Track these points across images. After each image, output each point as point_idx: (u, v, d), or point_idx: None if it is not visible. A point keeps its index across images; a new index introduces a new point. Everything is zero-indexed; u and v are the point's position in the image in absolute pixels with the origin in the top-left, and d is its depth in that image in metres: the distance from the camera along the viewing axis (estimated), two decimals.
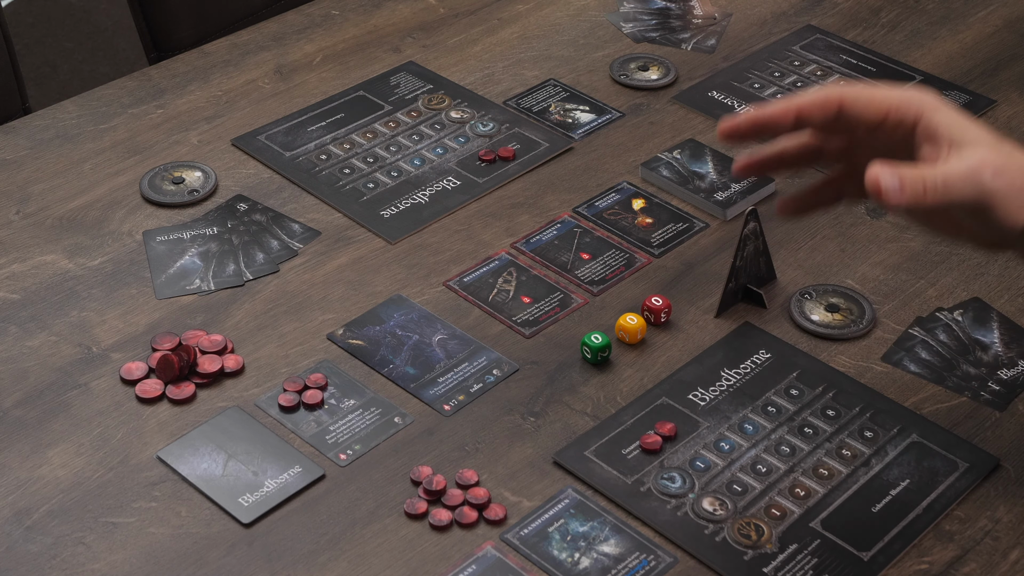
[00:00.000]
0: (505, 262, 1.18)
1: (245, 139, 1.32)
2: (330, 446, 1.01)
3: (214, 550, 0.94)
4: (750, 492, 0.97)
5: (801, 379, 1.07)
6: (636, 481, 0.98)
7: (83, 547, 0.94)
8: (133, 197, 1.25)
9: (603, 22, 1.51)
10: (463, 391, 1.06)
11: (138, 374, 1.06)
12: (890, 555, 0.93)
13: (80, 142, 1.32)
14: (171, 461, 0.99)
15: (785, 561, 0.93)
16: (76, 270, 1.17)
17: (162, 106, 1.37)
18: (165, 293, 1.14)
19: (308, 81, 1.41)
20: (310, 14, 1.52)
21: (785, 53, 1.45)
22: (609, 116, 1.36)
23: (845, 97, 0.90)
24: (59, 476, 0.99)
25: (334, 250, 1.19)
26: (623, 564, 0.93)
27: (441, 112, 1.36)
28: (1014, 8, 1.54)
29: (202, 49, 1.46)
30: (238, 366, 1.07)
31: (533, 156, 1.30)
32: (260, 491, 0.97)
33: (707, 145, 1.32)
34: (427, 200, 1.25)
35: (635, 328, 1.09)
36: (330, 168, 1.28)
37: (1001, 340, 1.10)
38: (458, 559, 0.93)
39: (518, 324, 1.12)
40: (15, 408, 1.04)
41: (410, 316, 1.12)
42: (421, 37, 1.48)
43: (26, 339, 1.10)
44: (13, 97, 1.52)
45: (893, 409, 1.04)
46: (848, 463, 1.00)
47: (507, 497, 0.97)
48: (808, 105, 0.91)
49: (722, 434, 1.02)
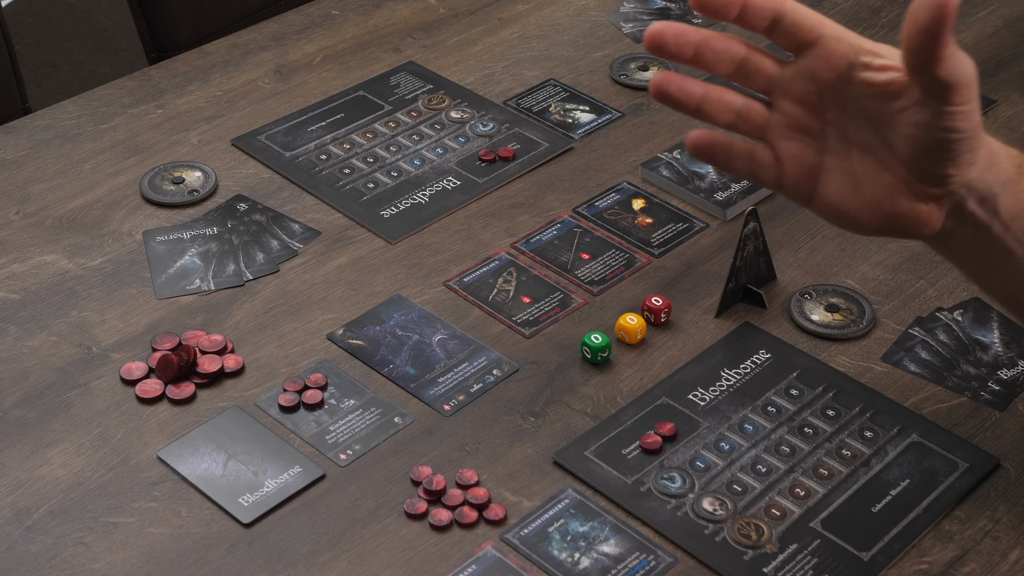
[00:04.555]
0: (505, 262, 1.18)
1: (245, 139, 1.32)
2: (330, 446, 1.01)
3: (214, 550, 0.94)
4: (750, 492, 0.97)
5: (801, 379, 1.07)
6: (636, 481, 0.98)
7: (83, 547, 0.94)
8: (133, 197, 1.25)
9: (603, 22, 1.51)
10: (463, 391, 1.06)
11: (138, 374, 1.06)
12: (890, 555, 0.93)
13: (80, 142, 1.32)
14: (171, 461, 0.99)
15: (785, 561, 0.93)
16: (76, 270, 1.17)
17: (162, 106, 1.37)
18: (165, 293, 1.14)
19: (308, 81, 1.41)
20: (310, 14, 1.52)
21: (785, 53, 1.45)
22: (609, 116, 1.36)
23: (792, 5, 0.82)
24: (59, 476, 0.99)
25: (334, 250, 1.19)
26: (623, 564, 0.93)
27: (441, 112, 1.36)
28: (1014, 8, 1.54)
29: (202, 49, 1.46)
30: (238, 366, 1.07)
31: (533, 156, 1.30)
32: (260, 491, 0.97)
33: None
34: (427, 200, 1.25)
35: (635, 328, 1.09)
36: (330, 168, 1.28)
37: (1001, 340, 1.10)
38: (458, 559, 0.93)
39: (518, 324, 1.12)
40: (15, 408, 1.04)
41: (410, 316, 1.12)
42: (421, 37, 1.48)
43: (26, 339, 1.10)
44: (13, 97, 1.52)
45: (893, 409, 1.04)
46: (848, 463, 1.00)
47: (507, 497, 0.97)
48: None
49: (722, 434, 1.02)
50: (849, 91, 0.81)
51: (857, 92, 0.81)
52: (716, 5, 0.80)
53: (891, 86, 0.80)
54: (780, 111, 0.83)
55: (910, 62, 0.78)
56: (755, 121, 0.84)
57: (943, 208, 0.83)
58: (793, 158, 0.83)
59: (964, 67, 0.77)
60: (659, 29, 0.80)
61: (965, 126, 0.79)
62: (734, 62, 0.83)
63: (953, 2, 0.74)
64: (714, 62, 0.82)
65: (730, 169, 0.85)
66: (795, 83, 0.82)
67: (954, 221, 0.84)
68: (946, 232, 0.85)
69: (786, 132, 0.83)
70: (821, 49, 0.81)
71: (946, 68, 0.76)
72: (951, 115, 0.78)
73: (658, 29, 0.80)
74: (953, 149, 0.80)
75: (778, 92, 0.83)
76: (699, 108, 0.83)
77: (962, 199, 0.83)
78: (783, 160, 0.83)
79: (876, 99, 0.80)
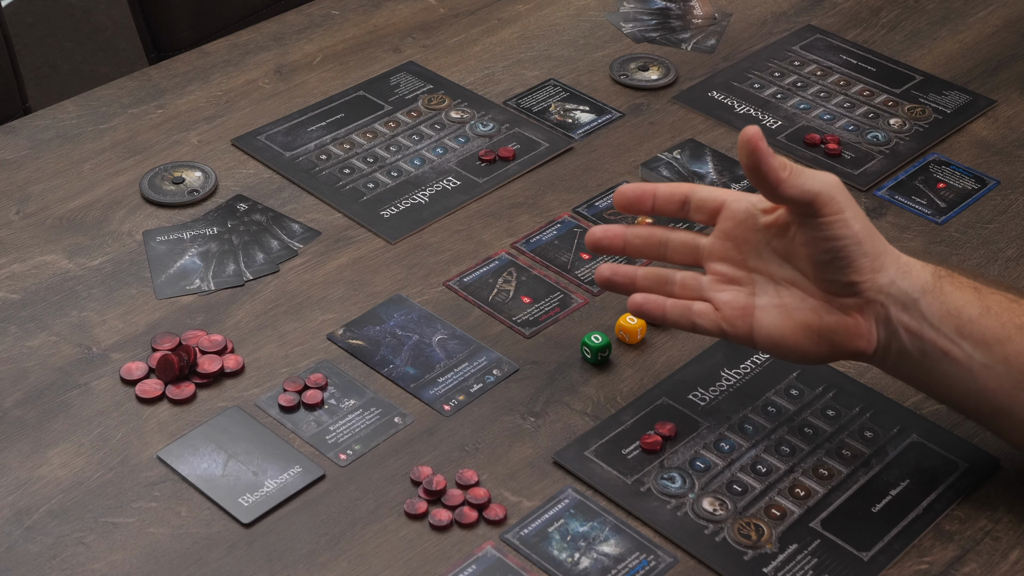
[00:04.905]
0: (505, 262, 1.18)
1: (245, 139, 1.32)
2: (330, 446, 1.01)
3: (214, 550, 0.94)
4: (750, 492, 0.97)
5: (801, 379, 1.07)
6: (636, 481, 0.98)
7: (83, 547, 0.94)
8: (133, 197, 1.25)
9: (603, 22, 1.51)
10: (463, 391, 1.06)
11: (138, 374, 1.06)
12: (890, 555, 0.93)
13: (80, 142, 1.32)
14: (171, 461, 0.99)
15: (785, 561, 0.93)
16: (76, 270, 1.17)
17: (162, 106, 1.37)
18: (165, 293, 1.14)
19: (308, 81, 1.41)
20: (310, 14, 1.52)
21: (785, 53, 1.45)
22: (609, 116, 1.36)
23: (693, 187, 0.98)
24: (59, 476, 0.99)
25: (334, 250, 1.19)
26: (623, 564, 0.93)
27: (441, 112, 1.36)
28: (1014, 8, 1.54)
29: (202, 49, 1.46)
30: (238, 366, 1.07)
31: (533, 156, 1.30)
32: (260, 491, 0.97)
33: (707, 145, 1.32)
34: (427, 200, 1.25)
35: (635, 328, 1.09)
36: (330, 168, 1.28)
37: None
38: (458, 559, 0.93)
39: (518, 324, 1.12)
40: (15, 408, 1.04)
41: (410, 316, 1.12)
42: (421, 37, 1.48)
43: (26, 339, 1.10)
44: (13, 97, 1.52)
45: (893, 409, 1.04)
46: (848, 463, 1.00)
47: (507, 497, 0.97)
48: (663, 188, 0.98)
49: (722, 434, 1.02)
50: (758, 239, 0.95)
51: (762, 237, 0.95)
52: (632, 202, 0.98)
53: (779, 221, 0.94)
54: (711, 272, 0.98)
55: (764, 194, 0.93)
56: (691, 286, 0.99)
57: (869, 319, 0.93)
58: (728, 304, 0.96)
59: (816, 181, 0.90)
60: (596, 236, 1.00)
61: (845, 232, 0.91)
62: (660, 244, 0.99)
63: (754, 139, 0.89)
64: (643, 247, 0.99)
65: (667, 323, 0.99)
66: (716, 247, 0.97)
67: (886, 332, 0.93)
68: (883, 345, 0.94)
69: (719, 287, 0.97)
70: (728, 212, 0.96)
71: (788, 188, 0.90)
72: (827, 225, 0.90)
73: (596, 236, 1.00)
74: (845, 256, 0.91)
75: (704, 257, 0.98)
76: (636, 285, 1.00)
77: (884, 308, 0.93)
78: (721, 308, 0.97)
79: (776, 237, 0.94)
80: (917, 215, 1.24)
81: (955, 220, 1.23)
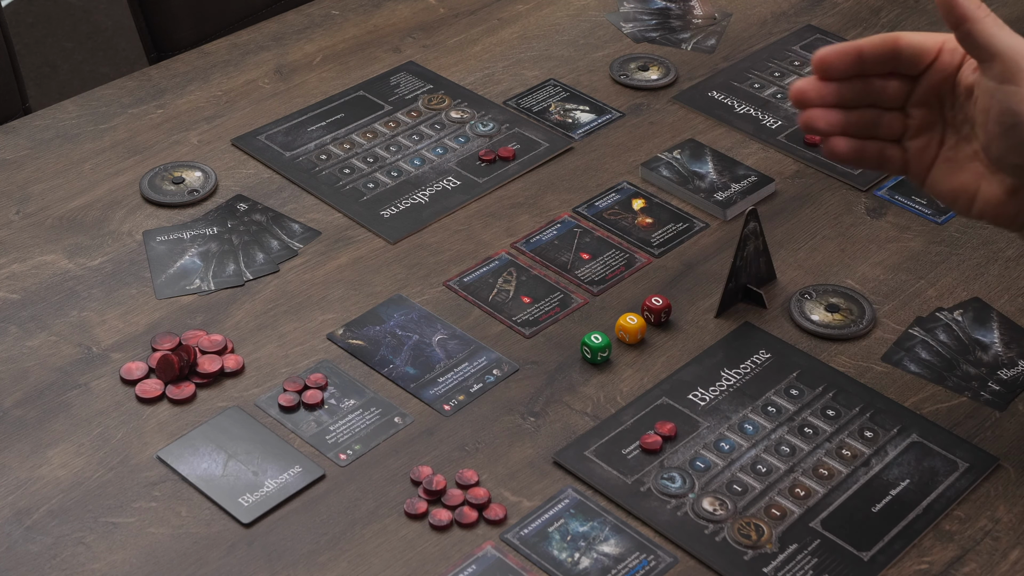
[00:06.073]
0: (505, 262, 1.18)
1: (245, 139, 1.32)
2: (330, 446, 1.01)
3: (214, 550, 0.94)
4: (750, 492, 0.97)
5: (801, 379, 1.07)
6: (636, 481, 0.98)
7: (83, 547, 0.94)
8: (133, 197, 1.25)
9: (603, 22, 1.51)
10: (463, 391, 1.06)
11: (138, 374, 1.06)
12: (890, 555, 0.93)
13: (80, 142, 1.32)
14: (171, 461, 0.99)
15: (785, 561, 0.93)
16: (76, 270, 1.17)
17: (162, 106, 1.37)
18: (165, 293, 1.14)
19: (308, 81, 1.41)
20: (310, 14, 1.52)
21: (785, 53, 1.45)
22: (609, 116, 1.36)
23: (901, 35, 0.93)
24: (59, 476, 0.99)
25: (334, 250, 1.19)
26: (623, 564, 0.93)
27: (441, 112, 1.36)
28: (1014, 8, 1.54)
29: (202, 49, 1.46)
30: (238, 366, 1.07)
31: (533, 156, 1.30)
32: (260, 491, 0.97)
33: (707, 145, 1.32)
34: (427, 200, 1.25)
35: (635, 328, 1.09)
36: (330, 168, 1.28)
37: (1001, 340, 1.10)
38: (458, 559, 0.93)
39: (518, 324, 1.12)
40: (15, 408, 1.04)
41: (410, 316, 1.12)
42: (421, 37, 1.48)
43: (26, 339, 1.10)
44: (13, 97, 1.52)
45: (893, 409, 1.04)
46: (848, 463, 1.00)
47: (507, 497, 0.97)
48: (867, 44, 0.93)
49: (722, 434, 1.02)
50: (958, 92, 0.92)
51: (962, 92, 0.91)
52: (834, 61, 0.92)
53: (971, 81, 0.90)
54: (912, 117, 0.94)
55: (951, 28, 0.88)
56: (894, 127, 0.94)
57: None
58: (918, 152, 0.94)
59: (1005, 42, 0.85)
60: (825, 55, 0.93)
61: (1019, 109, 0.85)
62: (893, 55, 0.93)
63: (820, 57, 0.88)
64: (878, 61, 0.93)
65: (861, 164, 0.96)
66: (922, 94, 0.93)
67: None
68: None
69: (915, 132, 0.94)
70: (939, 63, 0.92)
71: (975, 32, 0.86)
72: (1004, 95, 0.85)
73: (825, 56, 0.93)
74: (1016, 135, 0.86)
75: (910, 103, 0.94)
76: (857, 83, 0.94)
77: None
78: (910, 153, 0.94)
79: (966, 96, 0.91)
80: (917, 215, 1.24)
81: (955, 220, 1.23)
